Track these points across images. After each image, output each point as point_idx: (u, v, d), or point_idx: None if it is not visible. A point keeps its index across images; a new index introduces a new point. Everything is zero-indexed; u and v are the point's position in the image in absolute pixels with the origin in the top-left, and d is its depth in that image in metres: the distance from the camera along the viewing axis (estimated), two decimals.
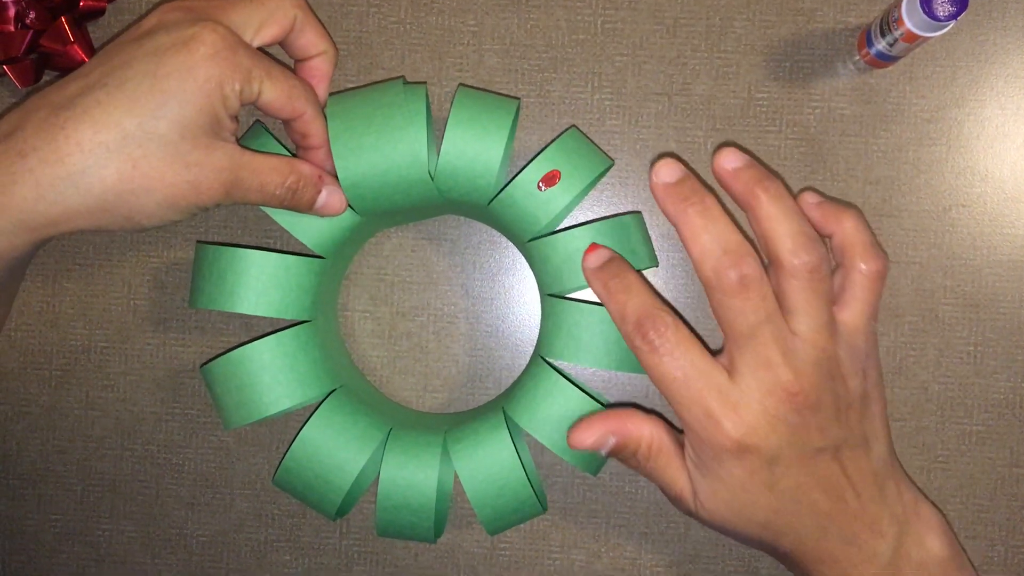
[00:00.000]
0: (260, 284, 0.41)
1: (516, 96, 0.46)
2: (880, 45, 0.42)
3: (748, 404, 0.37)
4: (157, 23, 0.38)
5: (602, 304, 0.40)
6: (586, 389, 0.43)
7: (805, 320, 0.37)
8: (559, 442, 0.41)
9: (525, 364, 0.46)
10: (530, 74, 0.46)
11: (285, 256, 0.42)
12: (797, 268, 0.37)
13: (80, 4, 0.45)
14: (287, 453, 0.42)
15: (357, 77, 0.46)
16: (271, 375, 0.41)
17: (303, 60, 0.43)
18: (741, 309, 0.37)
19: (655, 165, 0.38)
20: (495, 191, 0.41)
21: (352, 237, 0.44)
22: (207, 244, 0.43)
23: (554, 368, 0.41)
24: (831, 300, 0.38)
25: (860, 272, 0.39)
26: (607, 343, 0.40)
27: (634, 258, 0.41)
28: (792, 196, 0.38)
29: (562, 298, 0.41)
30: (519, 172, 0.41)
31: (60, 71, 0.46)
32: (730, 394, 0.37)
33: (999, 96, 0.45)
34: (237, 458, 0.47)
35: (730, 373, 0.37)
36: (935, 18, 0.38)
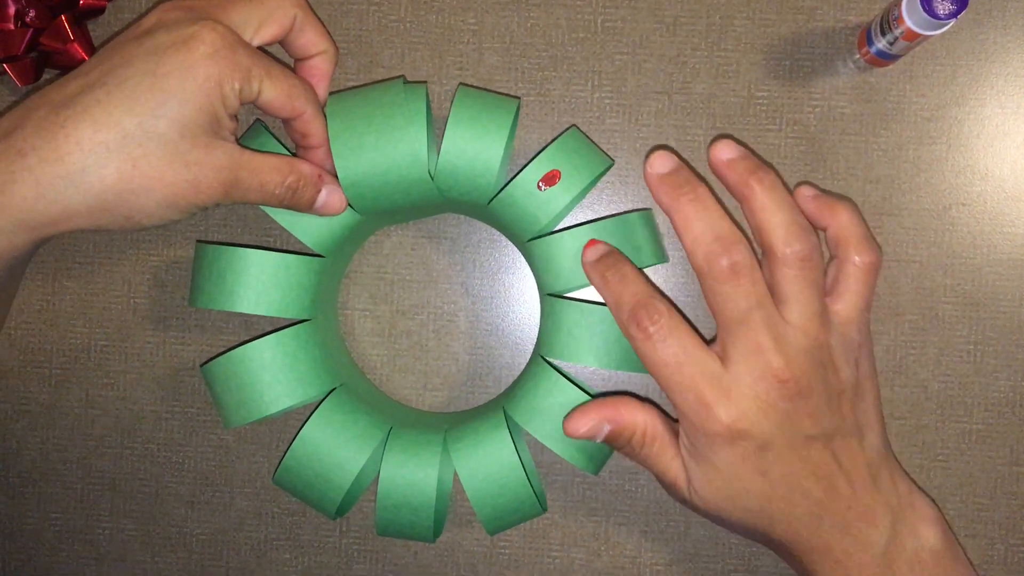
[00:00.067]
0: (260, 283, 0.41)
1: (516, 95, 0.46)
2: (880, 44, 0.42)
3: (739, 389, 0.37)
4: (157, 22, 0.38)
5: (601, 304, 0.40)
6: (586, 388, 0.43)
7: (797, 308, 0.38)
8: (559, 441, 0.41)
9: (525, 363, 0.46)
10: (530, 73, 0.46)
11: (285, 255, 0.42)
12: (789, 257, 0.37)
13: (80, 2, 0.45)
14: (287, 452, 0.42)
15: (357, 76, 0.46)
16: (271, 374, 0.41)
17: (303, 59, 0.43)
18: (732, 295, 0.37)
19: (649, 156, 0.39)
20: (495, 190, 0.41)
21: (352, 236, 0.44)
22: (207, 243, 0.42)
23: (554, 367, 0.41)
24: (823, 290, 0.38)
25: (854, 264, 0.39)
26: (607, 342, 0.40)
27: (637, 254, 0.41)
28: (786, 187, 0.38)
29: (562, 298, 0.41)
30: (519, 171, 0.41)
31: (60, 69, 0.46)
32: (722, 380, 0.37)
33: (999, 95, 0.45)
34: (237, 457, 0.47)
35: (722, 360, 0.38)
36: (935, 16, 0.38)
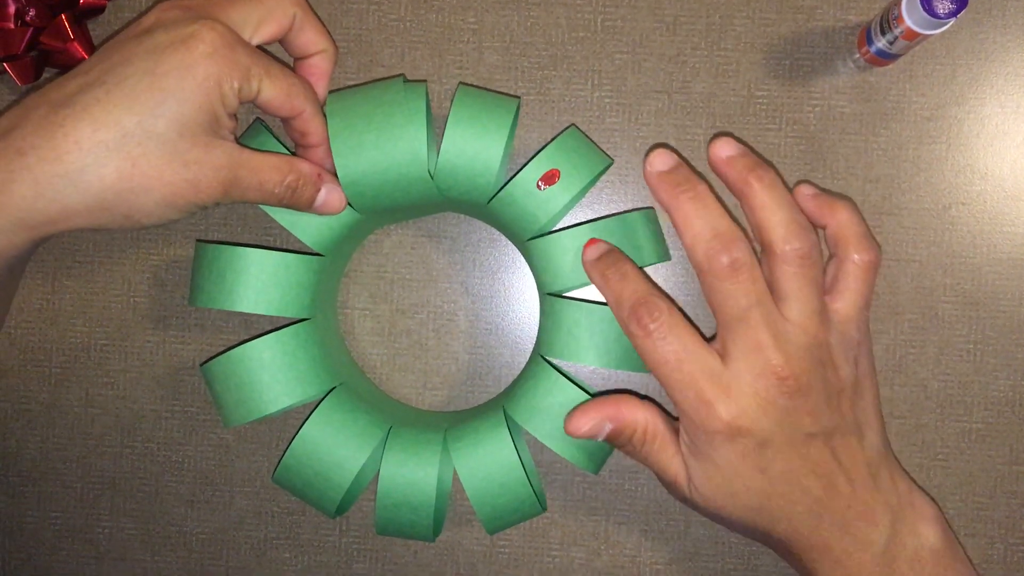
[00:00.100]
0: (259, 282, 0.41)
1: (516, 94, 0.46)
2: (880, 43, 0.42)
3: (739, 387, 0.37)
4: (156, 21, 0.38)
5: (601, 303, 0.40)
6: (586, 387, 0.43)
7: (796, 306, 0.38)
8: (559, 440, 0.41)
9: (525, 362, 0.46)
10: (530, 72, 0.46)
11: (284, 254, 0.42)
12: (788, 255, 0.37)
13: (80, 2, 0.45)
14: (287, 451, 0.42)
15: (357, 75, 0.46)
16: (271, 373, 0.41)
17: (303, 58, 0.43)
18: (732, 292, 0.37)
19: (649, 155, 0.39)
20: (495, 190, 0.41)
21: (351, 235, 0.44)
22: (207, 243, 0.42)
23: (554, 367, 0.41)
24: (822, 288, 0.39)
25: (853, 263, 0.39)
26: (607, 342, 0.40)
27: (638, 253, 0.41)
28: (785, 185, 0.38)
29: (562, 297, 0.41)
30: (519, 171, 0.41)
31: (60, 68, 0.46)
32: (722, 377, 0.37)
33: (999, 94, 0.45)
34: (237, 456, 0.47)
35: (722, 357, 0.38)
36: (935, 16, 0.38)
